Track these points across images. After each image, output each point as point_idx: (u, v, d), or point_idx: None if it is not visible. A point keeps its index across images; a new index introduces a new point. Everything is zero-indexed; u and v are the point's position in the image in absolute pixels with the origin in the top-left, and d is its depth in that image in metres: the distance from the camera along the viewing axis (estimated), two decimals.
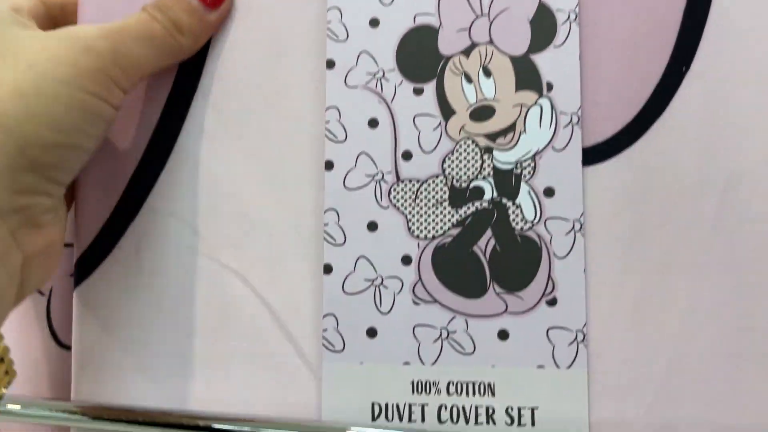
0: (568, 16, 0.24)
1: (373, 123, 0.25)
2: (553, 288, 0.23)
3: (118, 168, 0.26)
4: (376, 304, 0.24)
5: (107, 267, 0.26)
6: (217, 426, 0.22)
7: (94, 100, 0.22)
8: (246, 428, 0.23)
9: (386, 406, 0.24)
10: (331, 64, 0.25)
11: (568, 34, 0.24)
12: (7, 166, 0.20)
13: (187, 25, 0.24)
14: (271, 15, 0.26)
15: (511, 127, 0.24)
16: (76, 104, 0.21)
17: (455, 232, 0.24)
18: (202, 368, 0.25)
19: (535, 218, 0.24)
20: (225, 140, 0.25)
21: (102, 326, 0.25)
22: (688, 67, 0.24)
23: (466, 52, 0.25)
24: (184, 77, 0.26)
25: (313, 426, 0.23)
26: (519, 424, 0.23)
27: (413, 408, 0.24)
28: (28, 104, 0.20)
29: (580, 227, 0.24)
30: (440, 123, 0.24)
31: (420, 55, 0.25)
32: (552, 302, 0.23)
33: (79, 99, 0.21)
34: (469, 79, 0.25)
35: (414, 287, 0.24)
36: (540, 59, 0.24)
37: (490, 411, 0.23)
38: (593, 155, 0.24)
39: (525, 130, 0.24)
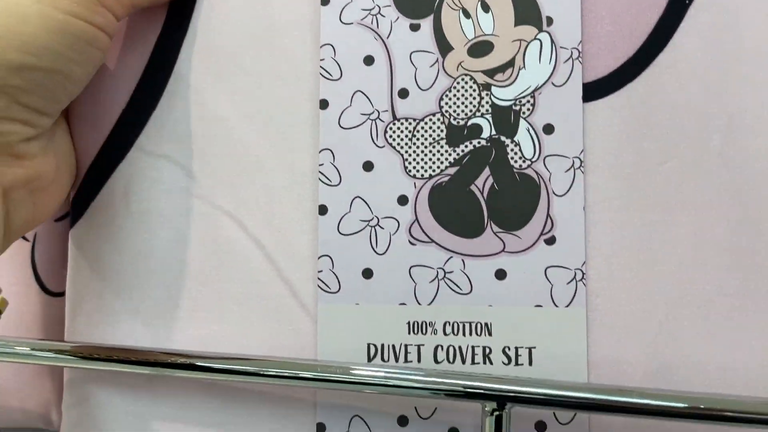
0: None
1: (368, 60, 0.24)
2: (552, 226, 0.23)
3: (106, 106, 0.25)
4: (371, 245, 0.24)
5: (96, 208, 0.25)
6: (216, 366, 0.22)
7: (76, 21, 0.21)
8: (249, 368, 0.22)
9: (382, 346, 0.23)
10: (325, 0, 0.24)
11: None
12: None
13: None
14: None
15: (510, 63, 0.24)
16: (53, 25, 0.20)
17: (452, 171, 0.24)
18: (195, 311, 0.25)
19: (534, 156, 0.23)
20: (217, 80, 0.25)
21: (94, 269, 0.25)
22: (691, 1, 0.23)
23: None
24: (174, 17, 0.25)
25: (311, 364, 0.22)
26: (516, 363, 0.23)
27: (409, 348, 0.23)
28: None
29: (580, 164, 0.23)
30: (437, 59, 0.24)
31: None
32: (550, 241, 0.23)
33: (55, 19, 0.20)
34: (467, 14, 0.24)
35: (410, 227, 0.24)
36: None
37: (487, 351, 0.23)
38: (593, 91, 0.23)
39: (524, 65, 0.23)
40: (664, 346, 0.22)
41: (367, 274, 0.24)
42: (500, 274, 0.23)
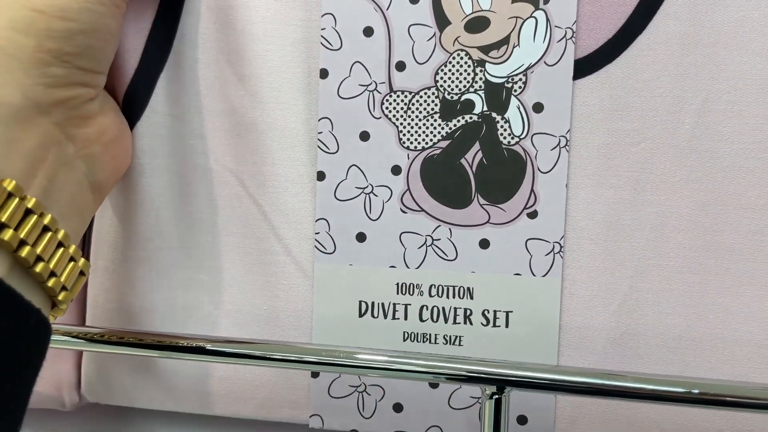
0: None
1: (368, 31, 0.25)
2: (535, 201, 0.24)
3: (117, 72, 0.26)
4: (365, 211, 0.25)
5: None
6: (220, 349, 0.24)
7: None
8: (253, 351, 0.23)
9: (372, 304, 0.26)
10: None
11: None
12: (31, 64, 0.20)
13: None
14: None
15: (505, 40, 0.24)
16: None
17: (444, 144, 0.25)
18: (204, 260, 0.27)
19: (522, 133, 0.24)
20: (217, 48, 0.26)
21: (112, 222, 0.27)
22: None
23: None
24: None
25: (314, 348, 0.24)
26: (494, 325, 0.25)
27: (397, 307, 0.25)
28: (33, 3, 0.20)
29: (566, 143, 0.24)
30: (435, 33, 0.24)
31: None
32: (533, 215, 0.24)
33: None
34: None
35: (402, 196, 0.25)
36: None
37: (468, 312, 0.25)
38: (577, 69, 0.24)
39: (519, 43, 0.24)
40: (627, 316, 0.24)
41: (361, 237, 0.25)
42: (484, 244, 0.25)
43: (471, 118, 0.25)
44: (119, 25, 0.23)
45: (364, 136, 0.25)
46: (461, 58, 0.24)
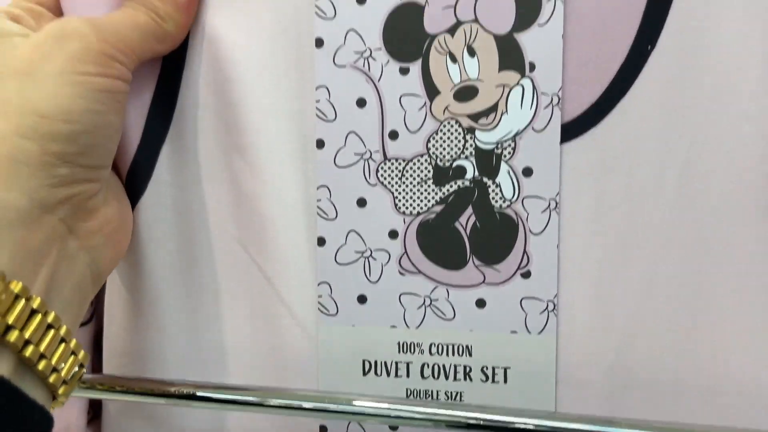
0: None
1: (361, 102, 0.26)
2: (528, 262, 0.25)
3: (120, 149, 0.27)
4: (365, 274, 0.26)
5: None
6: (221, 397, 0.25)
7: (93, 78, 0.23)
8: (254, 398, 0.25)
9: (375, 363, 0.27)
10: (319, 42, 0.25)
11: (553, 11, 0.24)
12: (36, 167, 0.21)
13: (164, 11, 0.25)
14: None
15: (494, 108, 0.25)
16: (78, 89, 0.22)
17: (438, 208, 0.26)
18: (209, 323, 0.28)
19: (513, 196, 0.25)
20: (216, 120, 0.27)
21: (122, 292, 0.28)
22: (653, 46, 0.24)
23: (451, 31, 0.25)
24: (172, 59, 0.27)
25: (316, 395, 0.25)
26: (493, 381, 0.26)
27: (399, 366, 0.26)
28: (37, 108, 0.21)
29: (556, 206, 0.25)
30: (425, 103, 0.25)
31: (406, 34, 0.25)
32: (526, 275, 0.25)
33: (78, 83, 0.22)
34: (453, 59, 0.25)
35: (400, 259, 0.26)
36: (524, 38, 0.24)
37: (468, 369, 0.26)
38: (564, 133, 0.25)
39: (507, 110, 0.25)
40: (621, 369, 0.25)
41: (362, 299, 0.26)
42: (480, 303, 0.26)
43: (463, 183, 0.25)
44: (121, 118, 0.24)
45: (361, 202, 0.26)
46: (451, 126, 0.25)
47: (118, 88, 0.24)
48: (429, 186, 0.26)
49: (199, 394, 0.25)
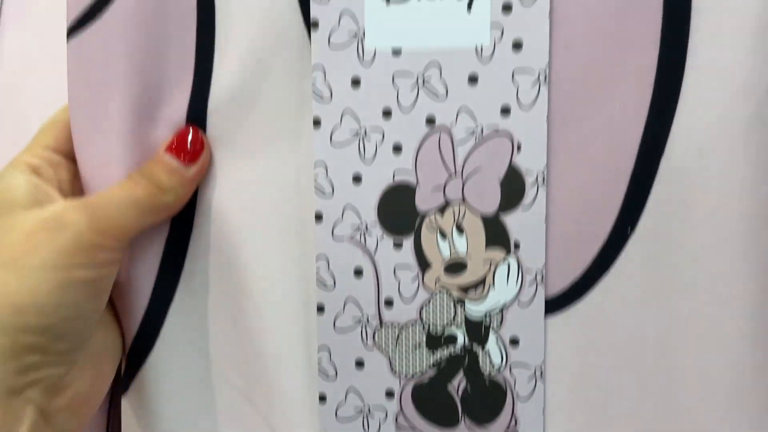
0: (536, 178, 0.26)
1: (358, 272, 0.27)
2: (516, 424, 0.27)
3: (128, 310, 0.29)
4: (364, 429, 0.28)
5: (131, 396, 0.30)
6: None
7: (77, 272, 0.24)
8: None
9: None
10: (319, 217, 0.27)
11: (536, 196, 0.26)
12: (5, 357, 0.22)
13: (168, 184, 0.27)
14: (252, 169, 0.28)
15: (482, 281, 0.27)
16: (59, 283, 0.23)
17: (432, 372, 0.27)
18: None
19: (501, 364, 0.27)
20: (223, 282, 0.29)
21: None
22: (633, 228, 0.25)
23: (441, 210, 0.27)
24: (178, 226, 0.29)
25: None
26: None
27: None
28: (14, 302, 0.23)
29: (541, 374, 0.26)
30: (418, 274, 0.27)
31: (399, 211, 0.27)
32: None
33: (61, 277, 0.23)
34: (443, 235, 0.27)
35: (396, 417, 0.28)
36: (509, 219, 0.26)
37: None
38: (548, 306, 0.26)
39: (494, 284, 0.26)
40: None
41: None
42: None
43: (455, 350, 0.27)
44: (102, 301, 0.26)
45: (359, 363, 0.28)
46: (443, 297, 0.27)
47: (103, 275, 0.25)
48: (422, 351, 0.27)
49: None
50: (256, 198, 0.28)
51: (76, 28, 0.28)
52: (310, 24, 0.26)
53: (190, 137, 0.28)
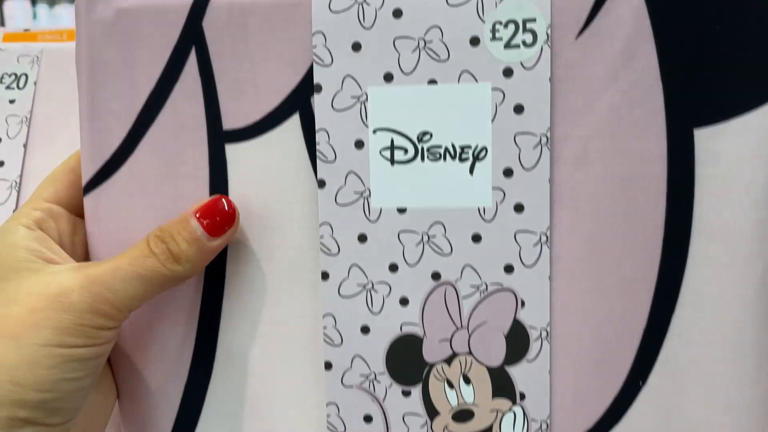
0: (540, 334, 0.26)
1: (368, 419, 0.28)
2: None
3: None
4: None
5: None
6: None
7: (77, 350, 0.25)
8: None
9: None
10: (328, 365, 0.28)
11: (540, 349, 0.26)
12: (1, 429, 0.23)
13: (186, 255, 0.26)
14: (270, 315, 0.29)
15: (489, 429, 0.27)
16: (58, 361, 0.24)
17: None
18: None
19: None
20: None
21: None
22: (644, 381, 0.26)
23: (448, 361, 0.27)
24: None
25: None
26: None
27: None
28: (13, 377, 0.23)
29: None
30: (426, 421, 0.28)
31: (407, 361, 0.28)
32: None
33: (60, 355, 0.24)
34: (450, 385, 0.27)
35: None
36: (514, 371, 0.27)
37: None
38: None
39: None
40: None
41: None
42: None
43: None
44: (97, 375, 0.26)
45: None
46: None
47: (103, 351, 0.26)
48: None
49: None
50: (275, 342, 0.29)
51: (91, 185, 0.29)
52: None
53: (220, 207, 0.27)
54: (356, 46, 0.26)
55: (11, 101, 0.38)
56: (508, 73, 0.25)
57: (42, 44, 0.39)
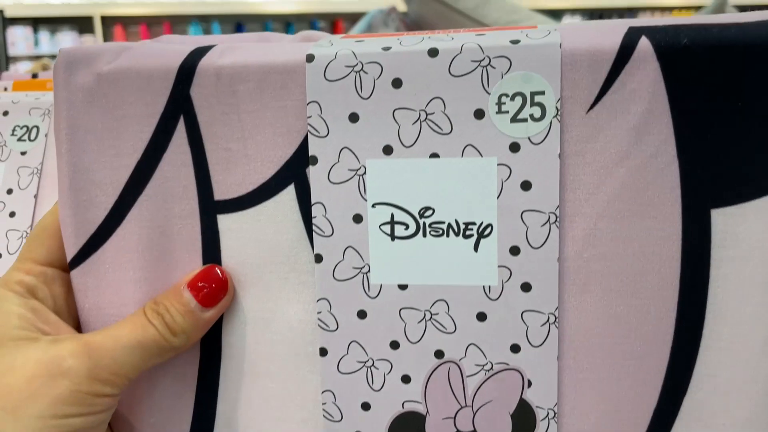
0: (548, 413, 0.25)
1: None
2: None
3: None
4: None
5: None
6: None
7: (73, 420, 0.24)
8: None
9: None
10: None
11: (547, 429, 0.26)
12: None
13: (181, 327, 0.26)
14: (271, 391, 0.28)
15: None
16: (54, 431, 0.24)
17: None
18: None
19: None
20: None
21: None
22: None
23: None
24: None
25: None
26: None
27: None
28: None
29: None
30: None
31: None
32: None
33: (56, 425, 0.24)
34: None
35: None
36: None
37: None
38: None
39: None
40: None
41: None
42: None
43: None
44: None
45: None
46: None
47: (100, 420, 0.25)
48: None
49: None
50: (273, 415, 0.28)
51: (77, 261, 0.27)
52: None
53: (213, 277, 0.27)
54: (353, 117, 0.25)
55: (23, 153, 0.39)
56: (515, 147, 0.24)
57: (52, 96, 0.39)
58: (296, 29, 4.57)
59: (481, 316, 0.25)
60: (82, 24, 4.24)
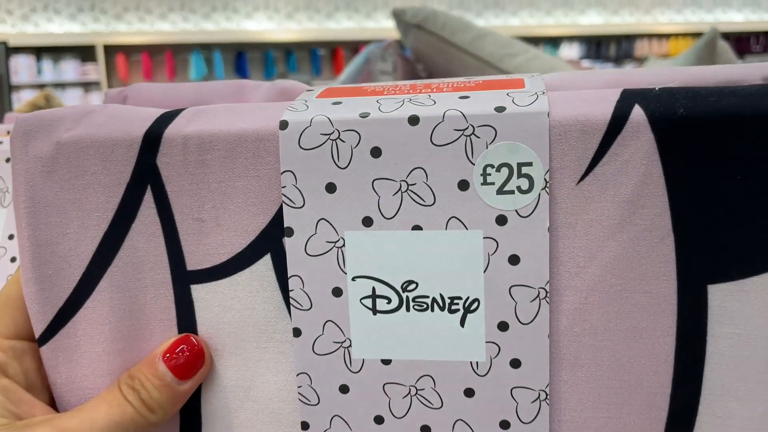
0: None
1: None
2: None
3: None
4: None
5: None
6: None
7: None
8: None
9: None
10: None
11: None
12: None
13: (158, 402, 0.25)
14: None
15: None
16: None
17: None
18: None
19: None
20: None
21: None
22: None
23: None
24: None
25: None
26: None
27: None
28: None
29: None
30: None
31: None
32: None
33: None
34: None
35: None
36: None
37: None
38: None
39: None
40: None
41: None
42: None
43: None
44: None
45: None
46: None
47: None
48: None
49: None
50: None
51: (45, 337, 0.26)
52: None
53: (187, 348, 0.26)
54: (330, 188, 0.23)
55: None
56: (501, 220, 0.23)
57: None
58: (297, 57, 4.51)
59: (469, 392, 0.24)
60: (84, 53, 4.18)
